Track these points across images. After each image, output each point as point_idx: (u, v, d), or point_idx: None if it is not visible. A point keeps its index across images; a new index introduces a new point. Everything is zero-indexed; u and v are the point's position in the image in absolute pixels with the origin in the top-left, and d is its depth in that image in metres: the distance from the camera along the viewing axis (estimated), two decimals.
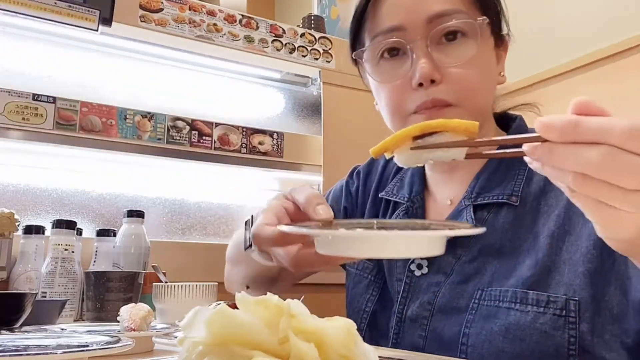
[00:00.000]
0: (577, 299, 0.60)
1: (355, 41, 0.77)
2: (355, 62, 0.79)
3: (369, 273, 0.80)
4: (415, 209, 0.78)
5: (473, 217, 0.69)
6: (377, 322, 0.77)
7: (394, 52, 0.72)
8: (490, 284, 0.65)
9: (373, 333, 0.76)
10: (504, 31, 0.76)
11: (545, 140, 0.37)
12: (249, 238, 0.66)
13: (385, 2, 0.71)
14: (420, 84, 0.68)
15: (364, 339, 0.31)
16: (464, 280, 0.67)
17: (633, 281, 0.58)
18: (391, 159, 0.51)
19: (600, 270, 0.60)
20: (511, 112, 0.82)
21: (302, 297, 0.87)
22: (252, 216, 0.68)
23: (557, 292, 0.61)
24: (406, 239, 0.47)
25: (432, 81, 0.67)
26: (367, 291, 0.79)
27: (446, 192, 0.78)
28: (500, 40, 0.74)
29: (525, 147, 0.39)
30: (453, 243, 0.69)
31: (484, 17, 0.69)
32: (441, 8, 0.67)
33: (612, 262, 0.60)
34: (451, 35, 0.68)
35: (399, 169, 0.87)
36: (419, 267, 0.72)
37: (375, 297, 0.77)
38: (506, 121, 0.80)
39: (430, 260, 0.72)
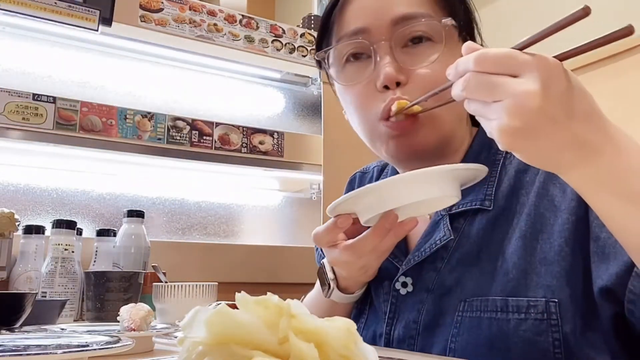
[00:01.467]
0: (556, 300, 0.58)
1: (321, 45, 0.76)
2: (320, 65, 0.77)
3: (358, 301, 0.79)
4: None
5: (450, 227, 0.68)
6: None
7: (359, 55, 0.71)
8: (473, 294, 0.63)
9: None
10: (477, 39, 0.74)
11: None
12: (327, 280, 0.73)
13: (350, 5, 0.71)
14: (386, 87, 0.67)
15: None
16: (445, 292, 0.66)
17: (594, 271, 0.57)
18: (386, 165, 0.53)
19: (575, 268, 0.59)
20: None
21: (302, 297, 0.87)
22: (322, 264, 0.76)
23: (537, 295, 0.59)
24: (432, 174, 0.55)
25: (398, 84, 0.66)
26: (358, 321, 0.77)
27: None
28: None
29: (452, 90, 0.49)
30: (433, 256, 0.68)
31: (453, 22, 0.68)
32: (406, 11, 0.67)
33: (584, 257, 0.58)
34: (416, 39, 0.67)
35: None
36: (404, 285, 0.70)
37: (363, 324, 0.76)
38: None
39: (415, 278, 0.70)
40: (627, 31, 0.44)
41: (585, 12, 0.44)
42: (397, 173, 0.80)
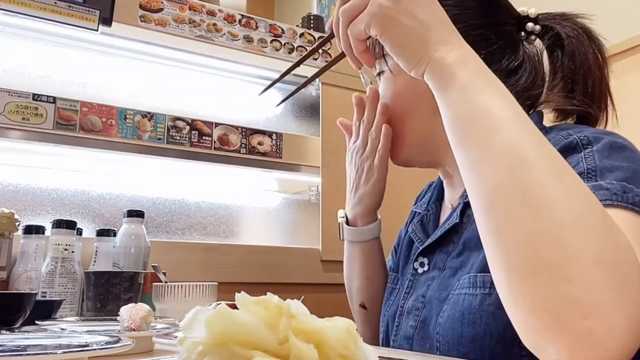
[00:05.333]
0: None
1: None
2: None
3: (391, 282, 0.87)
4: (429, 216, 0.85)
5: (459, 213, 0.73)
6: (393, 321, 0.83)
7: None
8: (467, 274, 0.68)
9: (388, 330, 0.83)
10: None
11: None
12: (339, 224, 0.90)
13: None
14: None
15: (383, 337, 0.32)
16: (452, 274, 0.70)
17: None
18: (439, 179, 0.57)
19: None
20: None
21: (302, 297, 0.88)
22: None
23: None
24: None
25: None
26: (390, 298, 0.86)
27: (451, 196, 0.83)
28: None
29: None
30: (446, 240, 0.74)
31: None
32: None
33: None
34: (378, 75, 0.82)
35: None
36: (422, 265, 0.78)
37: (394, 302, 0.83)
38: None
39: (430, 259, 0.77)
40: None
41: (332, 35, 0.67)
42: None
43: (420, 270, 0.78)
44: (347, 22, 0.60)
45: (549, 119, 0.77)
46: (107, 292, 1.02)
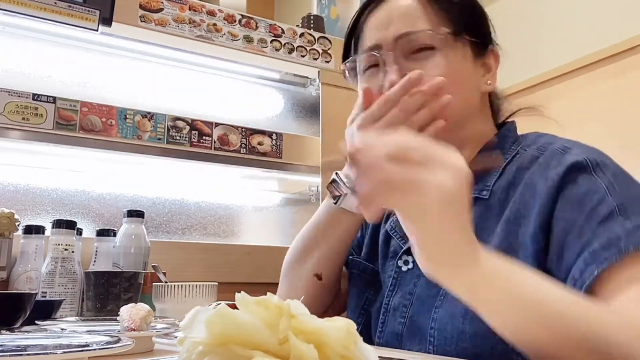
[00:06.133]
0: None
1: (346, 57, 0.87)
2: (345, 75, 0.87)
3: (368, 274, 0.87)
4: None
5: None
6: (370, 316, 0.83)
7: (374, 67, 0.80)
8: None
9: (366, 325, 0.83)
10: (490, 42, 0.82)
11: None
12: (340, 189, 0.82)
13: (367, 24, 0.82)
14: None
15: (360, 332, 0.32)
16: None
17: (565, 255, 0.62)
18: None
19: (545, 253, 0.64)
20: (513, 117, 0.86)
21: (302, 297, 0.88)
22: (335, 176, 0.83)
23: None
24: None
25: None
26: (367, 290, 0.85)
27: None
28: (482, 50, 0.80)
29: None
30: None
31: (448, 30, 0.76)
32: (410, 27, 0.76)
33: (551, 241, 0.64)
34: (419, 51, 0.76)
35: None
36: (405, 263, 0.78)
37: (372, 295, 0.84)
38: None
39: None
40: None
41: None
42: None
43: (404, 269, 0.78)
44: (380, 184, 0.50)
45: None
46: (107, 292, 1.02)
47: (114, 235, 1.31)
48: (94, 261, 1.28)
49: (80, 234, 1.30)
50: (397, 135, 0.50)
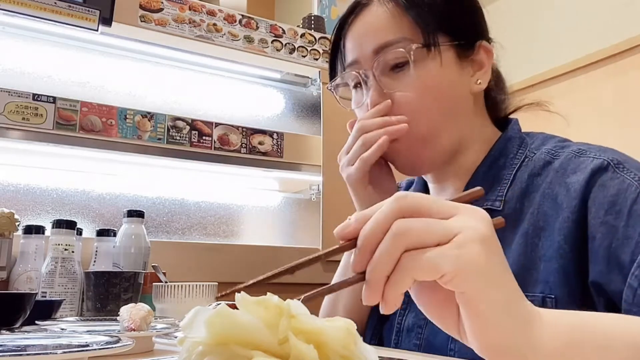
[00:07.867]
0: (553, 296, 0.60)
1: (332, 73, 0.84)
2: (333, 93, 0.85)
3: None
4: None
5: None
6: (382, 336, 0.80)
7: (357, 84, 0.77)
8: None
9: (379, 345, 0.80)
10: (479, 37, 0.75)
11: None
12: None
13: (347, 38, 0.78)
14: None
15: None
16: None
17: (590, 268, 0.60)
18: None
19: (573, 266, 0.61)
20: (519, 111, 0.83)
21: (302, 297, 0.87)
22: None
23: (535, 291, 0.62)
24: None
25: None
26: (376, 309, 0.81)
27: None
28: (468, 49, 0.74)
29: None
30: None
31: (420, 43, 0.71)
32: (383, 40, 0.72)
33: (583, 255, 0.60)
34: (396, 66, 0.72)
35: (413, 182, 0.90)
36: None
37: (387, 318, 0.80)
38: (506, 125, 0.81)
39: None
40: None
41: None
42: (426, 183, 0.85)
43: None
44: (401, 248, 0.39)
45: None
46: (107, 292, 1.02)
47: (114, 235, 1.31)
48: (94, 261, 1.28)
49: (80, 234, 1.30)
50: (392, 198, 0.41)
